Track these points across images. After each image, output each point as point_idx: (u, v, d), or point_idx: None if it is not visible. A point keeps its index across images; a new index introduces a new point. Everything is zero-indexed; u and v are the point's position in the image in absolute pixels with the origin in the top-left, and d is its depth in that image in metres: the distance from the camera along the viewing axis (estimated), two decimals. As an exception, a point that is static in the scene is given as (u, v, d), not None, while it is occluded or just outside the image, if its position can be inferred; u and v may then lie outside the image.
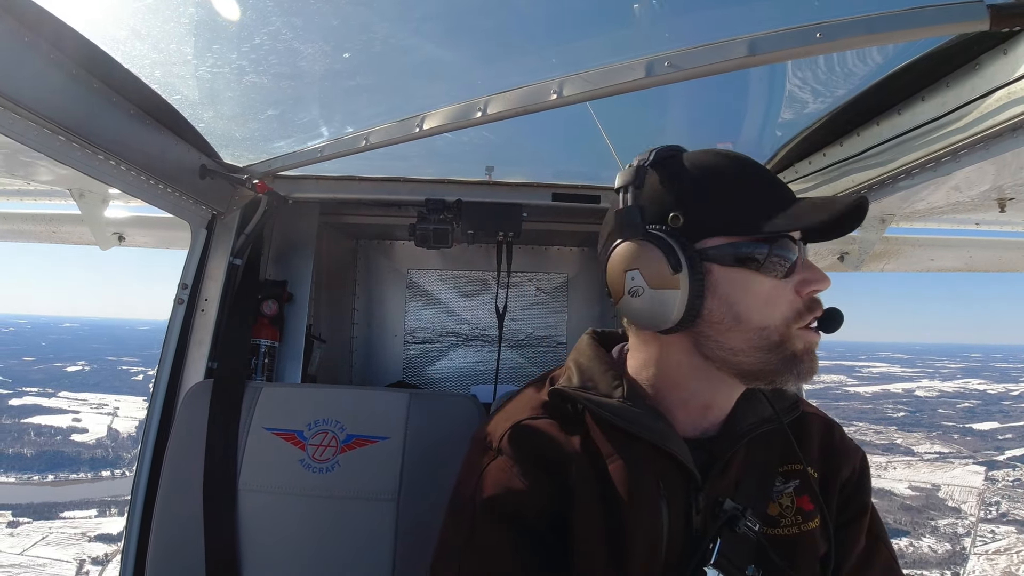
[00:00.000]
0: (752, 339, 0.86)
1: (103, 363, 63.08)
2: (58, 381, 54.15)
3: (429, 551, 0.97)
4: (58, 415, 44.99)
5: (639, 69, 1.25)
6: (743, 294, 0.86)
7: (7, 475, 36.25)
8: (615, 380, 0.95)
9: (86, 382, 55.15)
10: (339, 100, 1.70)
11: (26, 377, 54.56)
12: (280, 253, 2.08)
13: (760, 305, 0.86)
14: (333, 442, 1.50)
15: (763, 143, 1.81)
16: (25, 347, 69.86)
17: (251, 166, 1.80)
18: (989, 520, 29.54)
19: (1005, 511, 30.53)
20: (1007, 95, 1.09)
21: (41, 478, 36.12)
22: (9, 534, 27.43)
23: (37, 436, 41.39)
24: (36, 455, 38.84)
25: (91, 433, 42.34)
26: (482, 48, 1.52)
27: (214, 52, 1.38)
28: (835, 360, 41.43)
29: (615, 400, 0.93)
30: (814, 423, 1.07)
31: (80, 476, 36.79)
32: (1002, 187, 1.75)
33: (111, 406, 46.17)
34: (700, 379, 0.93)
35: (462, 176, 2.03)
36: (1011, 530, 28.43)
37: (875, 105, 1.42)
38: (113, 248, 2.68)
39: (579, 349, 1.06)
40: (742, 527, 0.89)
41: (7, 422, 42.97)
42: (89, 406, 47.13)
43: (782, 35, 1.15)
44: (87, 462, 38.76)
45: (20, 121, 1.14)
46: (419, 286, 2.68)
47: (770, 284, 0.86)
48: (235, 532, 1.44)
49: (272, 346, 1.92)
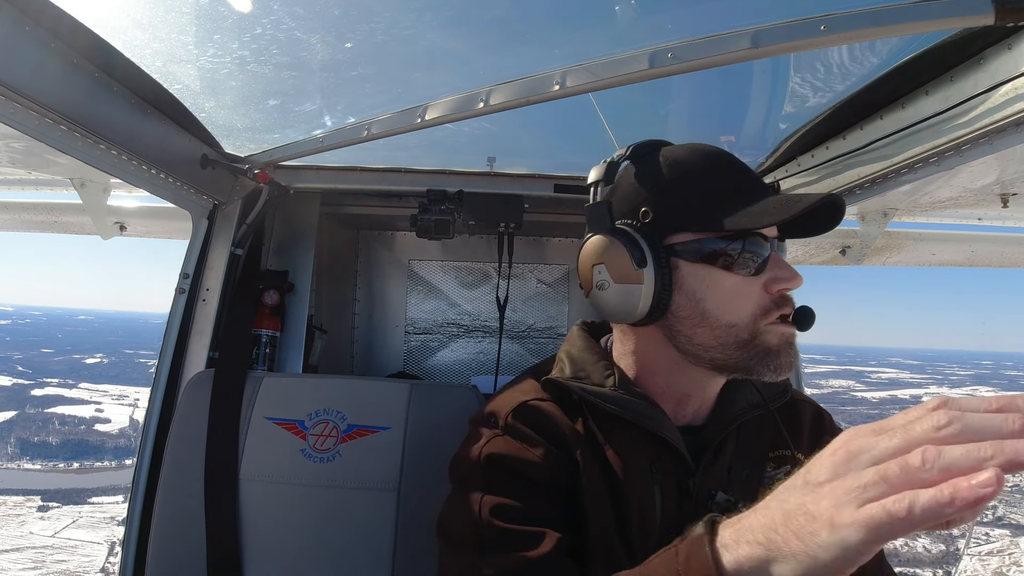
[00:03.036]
0: (720, 335, 0.87)
1: (120, 355, 63.37)
2: (78, 373, 54.52)
3: (430, 540, 0.97)
4: (80, 405, 45.64)
5: (642, 60, 1.24)
6: (708, 290, 0.87)
7: (34, 462, 36.99)
8: (606, 370, 0.97)
9: (105, 374, 55.50)
10: (341, 90, 1.69)
11: (46, 369, 54.87)
12: (281, 243, 2.08)
13: (726, 301, 0.87)
14: (334, 432, 1.51)
15: (766, 136, 1.81)
16: (42, 339, 70.12)
17: (252, 156, 1.80)
18: (985, 523, 29.82)
19: (1002, 515, 30.82)
20: (1011, 90, 1.08)
21: (67, 465, 36.89)
22: (40, 517, 28.02)
23: (61, 425, 42.06)
24: (61, 443, 39.64)
25: (114, 423, 43.01)
26: (484, 38, 1.51)
27: (215, 41, 1.37)
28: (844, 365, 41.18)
29: (607, 389, 0.94)
30: (805, 410, 1.09)
31: (104, 464, 37.49)
32: (1005, 182, 1.75)
33: (131, 397, 46.69)
34: (675, 371, 0.94)
35: (464, 167, 2.02)
36: (1005, 533, 28.73)
37: (879, 99, 1.41)
38: (122, 241, 2.69)
39: (570, 340, 1.07)
40: None
41: (31, 411, 43.57)
42: (110, 397, 47.69)
43: (786, 27, 1.14)
44: (111, 451, 39.51)
45: (21, 111, 1.14)
46: (420, 277, 2.68)
47: (736, 281, 0.86)
48: (236, 521, 1.45)
49: (273, 336, 1.92)
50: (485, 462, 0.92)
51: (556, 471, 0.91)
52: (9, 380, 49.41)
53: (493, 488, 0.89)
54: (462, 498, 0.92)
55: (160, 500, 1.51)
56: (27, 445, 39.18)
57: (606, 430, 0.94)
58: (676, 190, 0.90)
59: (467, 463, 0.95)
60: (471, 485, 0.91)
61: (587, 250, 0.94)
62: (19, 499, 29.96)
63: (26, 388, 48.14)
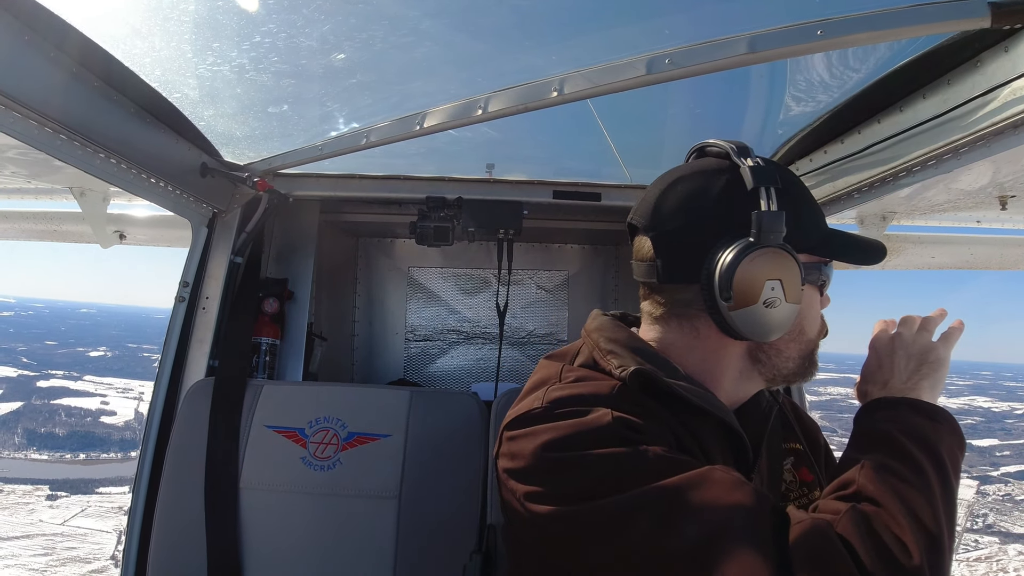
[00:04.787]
0: (803, 348, 0.95)
1: (124, 349, 63.28)
2: (82, 365, 54.46)
3: (431, 548, 0.96)
4: (86, 398, 45.77)
5: (640, 66, 1.25)
6: (810, 309, 0.94)
7: (40, 452, 37.17)
8: (668, 365, 0.91)
9: (110, 367, 55.43)
10: (340, 98, 1.69)
11: (51, 361, 54.81)
12: (281, 251, 2.09)
13: (815, 319, 0.96)
14: (334, 440, 1.50)
15: (764, 140, 1.81)
16: (45, 331, 69.97)
17: (251, 164, 1.80)
18: (975, 530, 29.82)
19: (992, 523, 30.83)
20: (1009, 92, 1.09)
21: (73, 456, 37.07)
22: (49, 506, 28.20)
23: (68, 417, 42.20)
24: (68, 435, 39.80)
25: (119, 416, 43.15)
26: (482, 46, 1.52)
27: (214, 50, 1.38)
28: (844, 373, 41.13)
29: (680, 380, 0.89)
30: (786, 402, 1.15)
31: (111, 455, 37.61)
32: (1003, 184, 1.74)
33: (136, 391, 46.84)
34: (739, 379, 0.96)
35: (463, 174, 2.03)
36: (994, 540, 28.76)
37: (876, 102, 1.42)
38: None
39: (611, 331, 0.98)
40: None
41: (37, 403, 43.66)
42: (115, 390, 47.77)
43: (783, 32, 1.15)
44: (117, 443, 39.63)
45: (21, 120, 1.14)
46: (420, 284, 2.68)
47: (819, 300, 0.97)
48: (237, 530, 1.44)
49: (273, 344, 1.92)
50: (624, 438, 0.80)
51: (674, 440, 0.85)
52: (14, 371, 49.53)
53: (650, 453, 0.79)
54: (603, 478, 0.78)
55: (160, 508, 1.51)
56: (34, 436, 39.36)
57: (689, 422, 0.88)
58: (809, 211, 0.94)
59: (592, 435, 0.81)
60: (621, 464, 0.79)
61: (761, 262, 0.85)
62: (28, 488, 30.11)
63: (31, 380, 48.19)
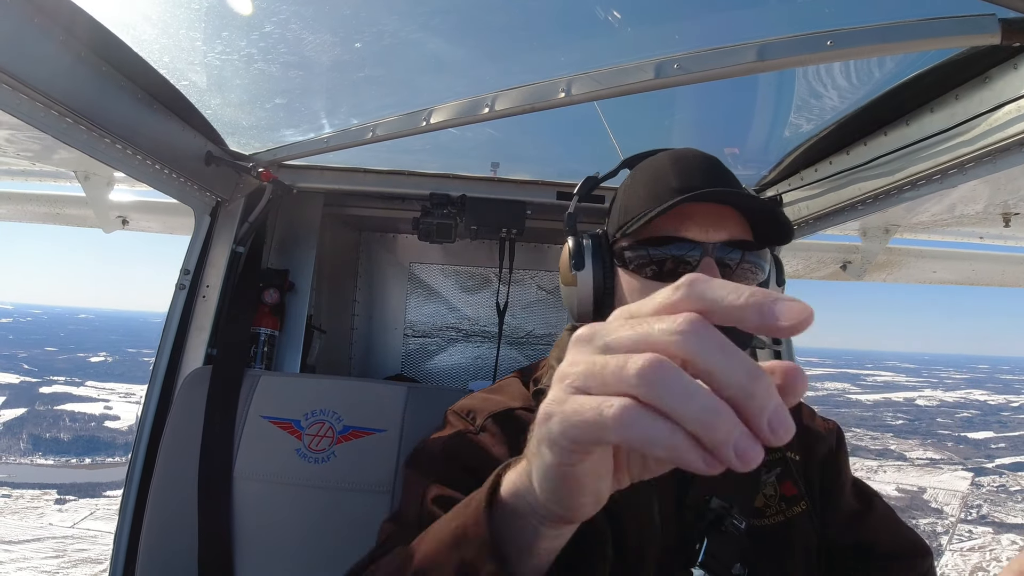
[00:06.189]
0: None
1: (124, 354, 63.76)
2: (84, 371, 54.90)
3: None
4: (89, 403, 46.26)
5: (648, 70, 1.25)
6: (628, 296, 0.91)
7: (46, 458, 37.44)
8: None
9: (111, 372, 55.89)
10: (347, 91, 1.69)
11: (52, 367, 55.29)
12: (283, 242, 2.09)
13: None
14: (329, 432, 1.51)
15: (770, 149, 1.81)
16: (45, 337, 70.42)
17: (256, 154, 1.80)
18: (969, 521, 30.01)
19: (985, 513, 30.96)
20: (1016, 109, 1.09)
21: (79, 461, 37.26)
22: (58, 510, 28.67)
23: (72, 422, 42.58)
24: (72, 440, 40.23)
25: (123, 420, 43.63)
26: (491, 44, 1.52)
27: (223, 39, 1.38)
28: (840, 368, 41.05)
29: None
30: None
31: (116, 460, 38.07)
32: (1008, 201, 1.75)
33: (138, 395, 47.53)
34: None
35: (467, 171, 2.03)
36: (988, 531, 28.94)
37: (883, 115, 1.42)
38: (124, 241, 2.70)
39: (560, 345, 1.07)
40: (728, 525, 0.89)
41: (40, 408, 44.00)
42: (118, 395, 48.28)
43: (792, 41, 1.15)
44: (121, 447, 40.08)
45: (28, 102, 1.14)
46: (420, 280, 2.68)
47: (648, 286, 0.87)
48: (229, 519, 1.44)
49: (272, 335, 1.92)
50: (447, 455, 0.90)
51: None
52: (16, 378, 49.98)
53: (451, 483, 0.84)
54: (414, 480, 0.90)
55: (153, 495, 1.51)
56: (39, 441, 39.71)
57: None
58: (619, 197, 0.99)
59: (430, 451, 0.94)
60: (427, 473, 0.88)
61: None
62: (36, 493, 30.60)
63: (34, 386, 48.64)
